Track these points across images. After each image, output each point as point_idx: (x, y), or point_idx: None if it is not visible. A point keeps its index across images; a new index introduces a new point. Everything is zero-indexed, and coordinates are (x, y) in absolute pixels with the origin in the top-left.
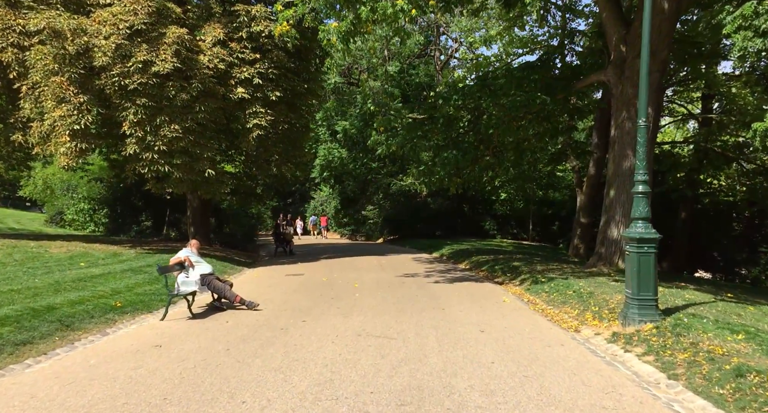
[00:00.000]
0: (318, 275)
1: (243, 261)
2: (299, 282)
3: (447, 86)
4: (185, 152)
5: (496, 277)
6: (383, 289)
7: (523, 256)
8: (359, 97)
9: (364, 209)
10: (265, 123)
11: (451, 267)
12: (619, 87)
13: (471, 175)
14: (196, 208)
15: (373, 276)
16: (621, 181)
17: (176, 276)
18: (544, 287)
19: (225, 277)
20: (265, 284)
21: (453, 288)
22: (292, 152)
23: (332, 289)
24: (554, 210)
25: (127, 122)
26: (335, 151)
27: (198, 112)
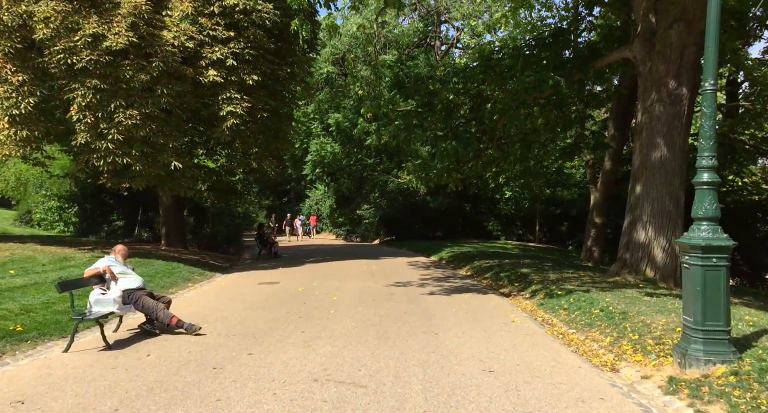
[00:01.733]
0: (295, 283)
1: (218, 266)
2: (270, 293)
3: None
4: (146, 142)
5: (501, 287)
6: (366, 303)
7: (532, 261)
8: (352, 86)
9: (359, 208)
10: (240, 110)
11: (450, 274)
12: (648, 64)
13: (472, 170)
14: (168, 206)
15: (359, 286)
16: (650, 175)
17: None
18: (562, 302)
19: (168, 292)
20: (229, 295)
21: (451, 302)
22: (273, 144)
23: (305, 303)
24: (563, 209)
25: (75, 106)
26: (328, 145)
27: (160, 95)
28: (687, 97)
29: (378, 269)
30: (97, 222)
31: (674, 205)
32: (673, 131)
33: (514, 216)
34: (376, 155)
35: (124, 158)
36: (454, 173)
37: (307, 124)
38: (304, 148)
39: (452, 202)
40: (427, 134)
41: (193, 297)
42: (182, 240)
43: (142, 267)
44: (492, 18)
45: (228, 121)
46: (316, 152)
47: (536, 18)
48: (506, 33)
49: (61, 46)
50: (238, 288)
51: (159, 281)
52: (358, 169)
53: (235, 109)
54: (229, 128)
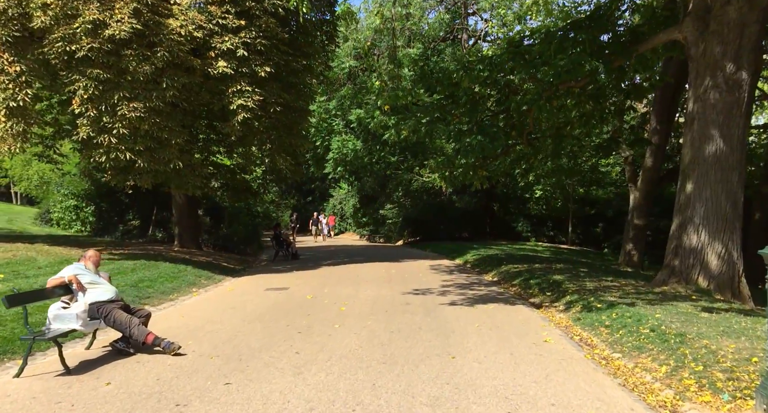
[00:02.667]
0: (305, 289)
1: (229, 269)
2: (274, 301)
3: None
4: (150, 137)
5: (531, 296)
6: (377, 316)
7: (565, 266)
8: (368, 79)
9: (382, 208)
10: (252, 104)
11: (475, 280)
12: (701, 46)
13: (500, 168)
14: (182, 206)
15: (373, 293)
16: (703, 171)
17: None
18: (602, 317)
19: (167, 298)
20: (230, 303)
21: (473, 314)
22: (287, 140)
23: (309, 315)
24: (598, 209)
25: (77, 98)
26: (349, 143)
27: (166, 88)
28: (747, 83)
29: (397, 273)
30: (113, 222)
31: (731, 205)
32: (730, 121)
33: (545, 216)
34: (399, 153)
35: (127, 154)
36: (479, 170)
37: (328, 121)
38: (325, 145)
39: (479, 202)
40: (450, 128)
41: (191, 306)
42: (196, 241)
43: (145, 270)
44: (522, 7)
45: (239, 115)
46: (338, 150)
47: (570, 4)
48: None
49: (60, 34)
50: (243, 295)
51: (160, 286)
52: (381, 167)
53: (246, 102)
54: (240, 123)
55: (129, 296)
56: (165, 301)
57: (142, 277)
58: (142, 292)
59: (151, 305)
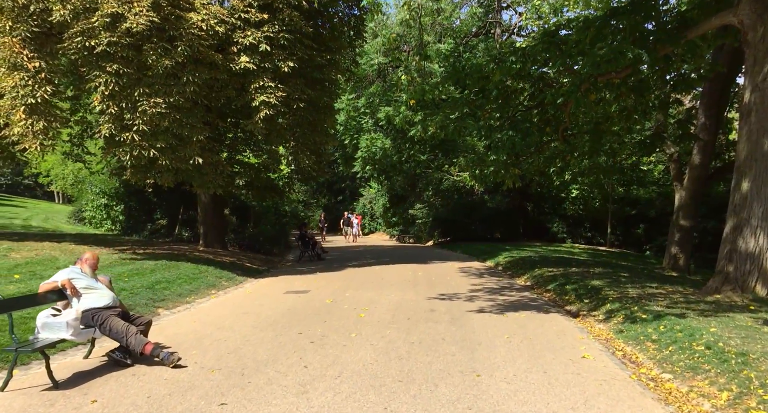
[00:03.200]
0: (326, 293)
1: (253, 270)
2: (291, 306)
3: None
4: (171, 133)
5: (567, 303)
6: (398, 324)
7: (604, 270)
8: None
9: (412, 208)
10: (274, 100)
11: (507, 284)
12: (760, 30)
13: (533, 166)
14: (206, 204)
15: (396, 298)
16: (761, 168)
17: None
18: (648, 330)
19: (183, 301)
20: (246, 307)
21: (503, 323)
22: (310, 137)
23: (325, 321)
24: (639, 210)
25: (98, 95)
26: (378, 141)
27: (186, 83)
28: None
29: (424, 276)
30: (141, 221)
31: None
32: None
33: (582, 217)
34: (429, 151)
35: (150, 151)
36: (511, 168)
37: (357, 119)
38: (354, 144)
39: (512, 202)
40: (480, 124)
41: (206, 309)
42: (221, 241)
43: (165, 271)
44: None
45: (261, 112)
46: (366, 148)
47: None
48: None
49: (79, 28)
50: (261, 298)
51: (177, 288)
52: (411, 166)
53: (269, 98)
54: (263, 120)
55: (142, 298)
56: (180, 304)
57: (160, 279)
58: (158, 295)
59: (165, 308)
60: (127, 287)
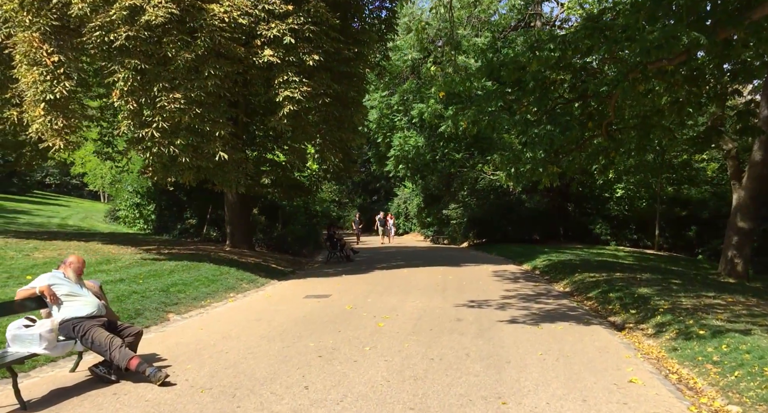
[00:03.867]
0: (348, 298)
1: (278, 271)
2: (308, 312)
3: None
4: (191, 130)
5: (611, 314)
6: (419, 336)
7: (653, 276)
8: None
9: (446, 208)
10: (299, 95)
11: (543, 290)
12: None
13: (574, 163)
14: (233, 204)
15: (421, 305)
16: None
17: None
18: (708, 349)
19: (199, 304)
20: (260, 313)
21: (537, 337)
22: (337, 134)
23: (340, 331)
24: (690, 210)
25: (117, 91)
26: (411, 139)
27: (207, 77)
28: None
29: (454, 280)
30: (172, 220)
31: None
32: None
33: (627, 218)
34: (465, 149)
35: (170, 148)
36: (549, 166)
37: (390, 117)
38: (387, 142)
39: (552, 202)
40: (516, 119)
41: (219, 315)
42: (248, 241)
43: (184, 272)
44: None
45: (285, 107)
46: (399, 147)
47: None
48: None
49: (98, 22)
50: (278, 303)
51: (193, 291)
52: (446, 165)
53: (293, 93)
54: (287, 115)
55: (153, 303)
56: (194, 309)
57: (177, 281)
58: (171, 298)
59: (176, 313)
60: (140, 290)
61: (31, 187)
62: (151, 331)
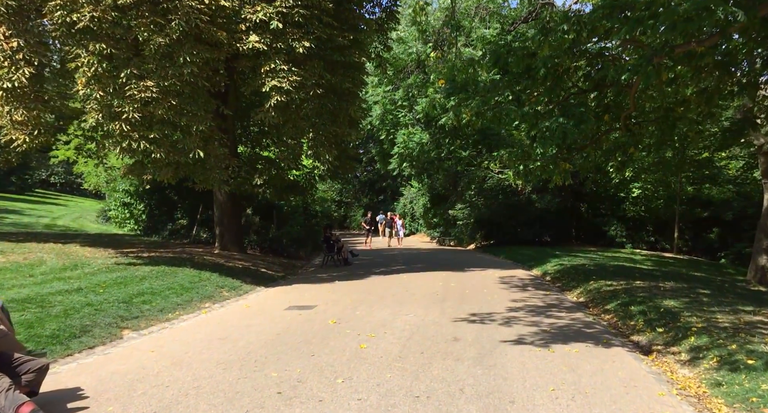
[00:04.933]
0: (334, 309)
1: (267, 276)
2: (282, 330)
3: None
4: (167, 122)
5: (634, 332)
6: (405, 361)
7: (678, 285)
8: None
9: (453, 208)
10: (287, 86)
11: (555, 301)
12: None
13: (589, 161)
14: (223, 203)
15: (414, 320)
16: None
17: None
18: (763, 386)
19: (165, 317)
20: (226, 330)
21: (548, 364)
22: (331, 129)
23: (312, 356)
24: (712, 212)
25: (83, 79)
26: (415, 136)
27: (183, 64)
28: None
29: (456, 288)
30: (162, 221)
31: None
32: None
33: (644, 219)
34: (472, 147)
35: (141, 143)
36: (561, 163)
37: (394, 113)
38: (390, 139)
39: (563, 202)
40: (524, 111)
41: (180, 332)
42: (239, 243)
43: (157, 279)
44: None
45: (272, 98)
46: (403, 144)
47: None
48: None
49: (59, 1)
50: (254, 316)
51: (161, 301)
52: (452, 163)
53: (281, 83)
54: (275, 107)
55: (108, 317)
56: (157, 323)
57: (145, 289)
58: (131, 311)
59: (134, 329)
60: (96, 301)
61: (32, 185)
62: (93, 353)
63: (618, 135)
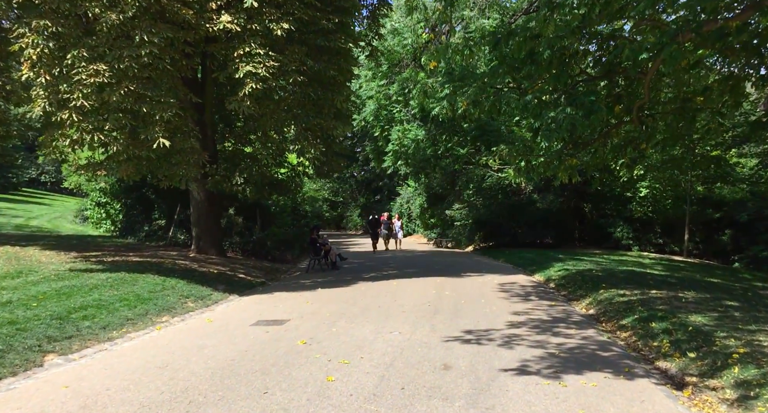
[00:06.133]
0: (306, 326)
1: (243, 283)
2: (238, 354)
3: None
4: (124, 111)
5: (659, 355)
6: (380, 404)
7: (701, 295)
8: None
9: (450, 208)
10: (264, 72)
11: (562, 313)
12: None
13: (597, 157)
14: (200, 203)
15: (399, 339)
16: None
17: None
18: None
19: (108, 335)
20: (171, 355)
21: (560, 403)
22: (315, 120)
23: (265, 394)
24: (725, 213)
25: (27, 62)
26: (411, 132)
27: (140, 45)
28: None
29: (451, 297)
30: (139, 221)
31: None
32: None
33: (652, 220)
34: (471, 143)
35: (95, 134)
36: (568, 159)
37: (389, 108)
38: (385, 136)
39: (566, 201)
40: (527, 99)
41: (116, 357)
42: (217, 245)
43: (111, 288)
44: None
45: (247, 85)
46: (398, 141)
47: None
48: None
49: None
50: (213, 334)
51: (107, 316)
52: (450, 161)
53: (257, 69)
54: (250, 95)
55: (31, 338)
56: (95, 344)
57: (92, 301)
58: (67, 329)
59: (61, 353)
60: (24, 318)
61: (16, 184)
62: None
63: (630, 128)
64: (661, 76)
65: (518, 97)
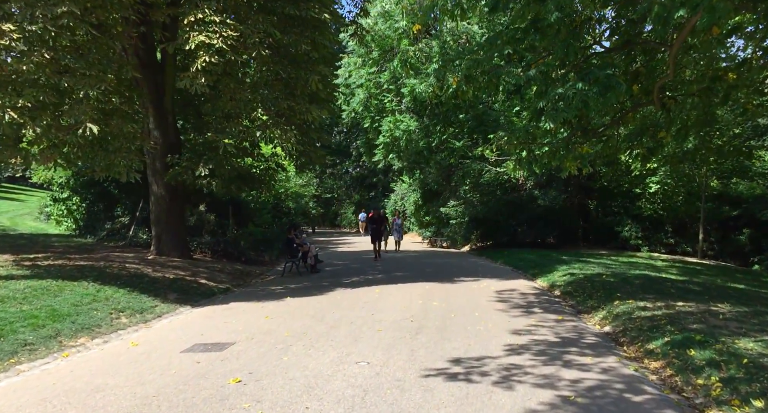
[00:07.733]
0: (252, 352)
1: (204, 289)
2: (130, 409)
3: None
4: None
5: (710, 400)
6: None
7: (736, 309)
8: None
9: (444, 205)
10: (220, 43)
11: (572, 332)
12: None
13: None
14: (160, 198)
15: (367, 372)
16: None
17: None
18: None
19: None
20: (37, 409)
21: None
22: (284, 104)
23: None
24: (743, 210)
25: None
26: (402, 123)
27: (56, 3)
28: None
29: (439, 309)
30: (101, 219)
31: None
32: None
33: (662, 218)
34: (467, 135)
35: (6, 112)
36: (578, 146)
37: (379, 98)
38: (376, 127)
39: (570, 198)
40: (531, 74)
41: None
42: (181, 246)
43: (23, 301)
44: None
45: (200, 59)
46: (389, 132)
47: None
48: None
49: None
50: (126, 366)
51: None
52: (445, 155)
53: (212, 39)
54: (204, 71)
55: None
56: None
57: None
58: None
59: None
60: None
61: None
62: None
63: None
64: (687, 49)
65: (520, 71)
